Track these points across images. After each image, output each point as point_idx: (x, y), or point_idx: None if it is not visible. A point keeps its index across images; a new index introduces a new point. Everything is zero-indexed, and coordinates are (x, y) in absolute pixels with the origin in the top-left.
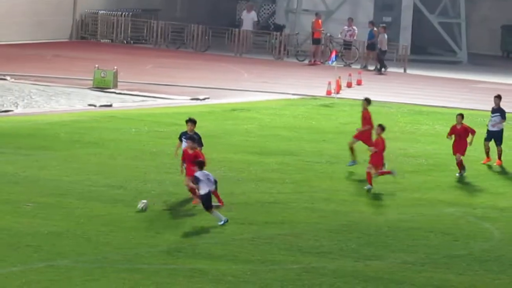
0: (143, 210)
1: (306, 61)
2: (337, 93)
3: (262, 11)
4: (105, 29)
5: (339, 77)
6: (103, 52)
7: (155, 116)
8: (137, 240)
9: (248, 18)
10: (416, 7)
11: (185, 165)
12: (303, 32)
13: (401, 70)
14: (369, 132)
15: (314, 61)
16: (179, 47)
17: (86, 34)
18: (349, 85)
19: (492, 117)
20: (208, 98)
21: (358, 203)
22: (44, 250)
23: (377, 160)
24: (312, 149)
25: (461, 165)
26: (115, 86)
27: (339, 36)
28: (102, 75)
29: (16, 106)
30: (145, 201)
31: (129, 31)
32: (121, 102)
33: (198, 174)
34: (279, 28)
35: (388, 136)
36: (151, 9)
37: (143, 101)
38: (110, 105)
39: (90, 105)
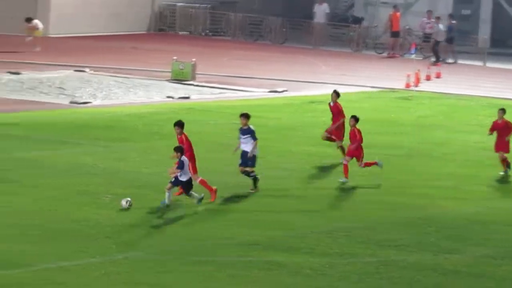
0: (127, 208)
1: (385, 54)
2: (416, 86)
3: (341, 3)
4: (183, 21)
5: (418, 70)
6: (181, 44)
7: (233, 108)
8: (213, 232)
9: (320, 10)
10: (495, 0)
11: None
12: (382, 24)
13: (481, 63)
14: (342, 125)
15: (393, 53)
16: (257, 40)
17: (164, 26)
18: (428, 78)
19: None
20: (286, 90)
21: (435, 196)
22: (122, 241)
23: (357, 152)
24: (390, 141)
25: (505, 163)
26: (193, 78)
27: (418, 29)
28: (181, 67)
29: (95, 98)
30: (128, 199)
31: (207, 23)
32: (199, 94)
33: (183, 159)
34: (358, 20)
35: (466, 129)
36: (229, 1)
37: (221, 93)
38: (188, 97)
39: (168, 97)
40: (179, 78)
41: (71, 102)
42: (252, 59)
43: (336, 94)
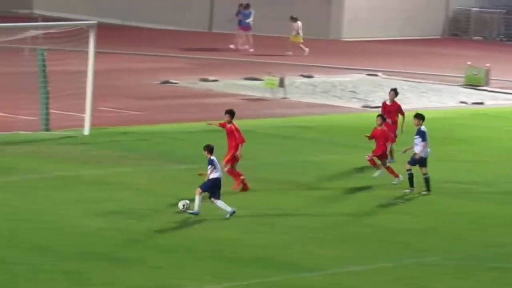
0: (184, 210)
1: None
2: None
3: None
4: (477, 26)
5: None
6: (475, 49)
7: None
8: (507, 238)
9: None
10: None
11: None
12: None
13: None
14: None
15: None
16: None
17: (458, 31)
18: None
19: None
20: None
21: None
22: (414, 247)
23: (378, 150)
24: None
25: None
26: (487, 83)
27: None
28: (474, 72)
29: None
30: (187, 201)
31: (502, 28)
32: (493, 100)
33: (212, 158)
34: None
35: None
36: None
37: None
38: (482, 103)
39: (461, 102)
40: (472, 84)
41: (364, 106)
42: None
43: (395, 92)
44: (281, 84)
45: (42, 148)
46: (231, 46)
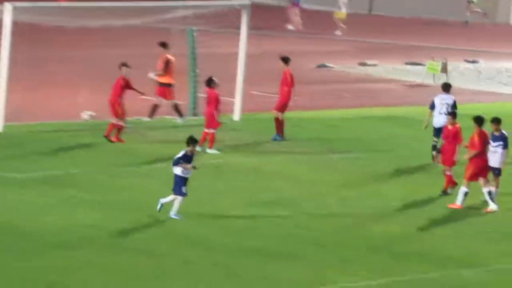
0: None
1: None
2: None
3: None
4: None
5: None
6: None
7: None
8: None
9: None
10: None
11: None
12: None
13: None
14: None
15: None
16: None
17: None
18: None
19: None
20: None
21: None
22: None
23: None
24: None
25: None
26: None
27: None
28: None
29: None
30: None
31: None
32: None
33: None
34: None
35: None
36: None
37: None
38: None
39: None
40: None
41: None
42: None
43: (452, 116)
44: (444, 69)
45: (188, 134)
46: (289, 27)
